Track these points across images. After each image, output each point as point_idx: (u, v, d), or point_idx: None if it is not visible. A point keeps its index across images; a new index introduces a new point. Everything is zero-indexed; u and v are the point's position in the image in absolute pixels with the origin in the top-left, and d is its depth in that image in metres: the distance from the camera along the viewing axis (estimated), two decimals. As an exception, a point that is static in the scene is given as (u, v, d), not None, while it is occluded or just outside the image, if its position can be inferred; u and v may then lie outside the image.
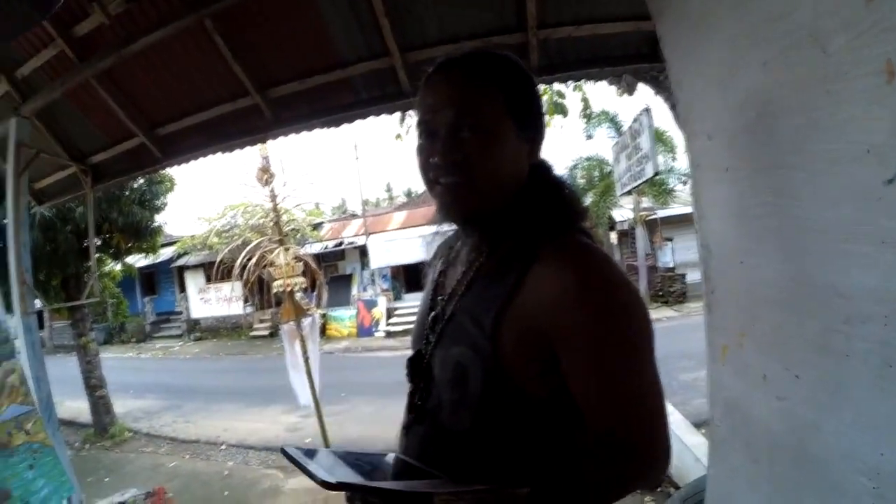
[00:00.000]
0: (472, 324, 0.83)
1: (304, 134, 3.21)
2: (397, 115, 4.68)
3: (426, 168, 0.90)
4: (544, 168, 0.94)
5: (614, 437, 0.76)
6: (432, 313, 0.95)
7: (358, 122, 3.09)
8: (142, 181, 7.46)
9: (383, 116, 3.19)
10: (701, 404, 6.01)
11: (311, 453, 0.84)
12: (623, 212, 16.25)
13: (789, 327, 1.09)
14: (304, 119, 3.07)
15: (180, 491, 5.29)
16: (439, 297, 0.97)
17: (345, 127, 3.24)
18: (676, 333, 10.13)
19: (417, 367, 0.93)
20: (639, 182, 5.16)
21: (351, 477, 0.82)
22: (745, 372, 1.32)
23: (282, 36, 2.70)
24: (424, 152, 0.89)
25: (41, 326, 18.73)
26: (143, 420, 9.00)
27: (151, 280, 21.49)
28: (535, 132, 0.91)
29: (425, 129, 0.89)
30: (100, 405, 7.95)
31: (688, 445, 3.63)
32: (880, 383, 0.80)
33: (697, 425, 4.13)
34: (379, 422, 6.84)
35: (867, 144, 0.78)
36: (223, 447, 7.16)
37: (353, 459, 0.89)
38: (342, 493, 0.78)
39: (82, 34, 2.60)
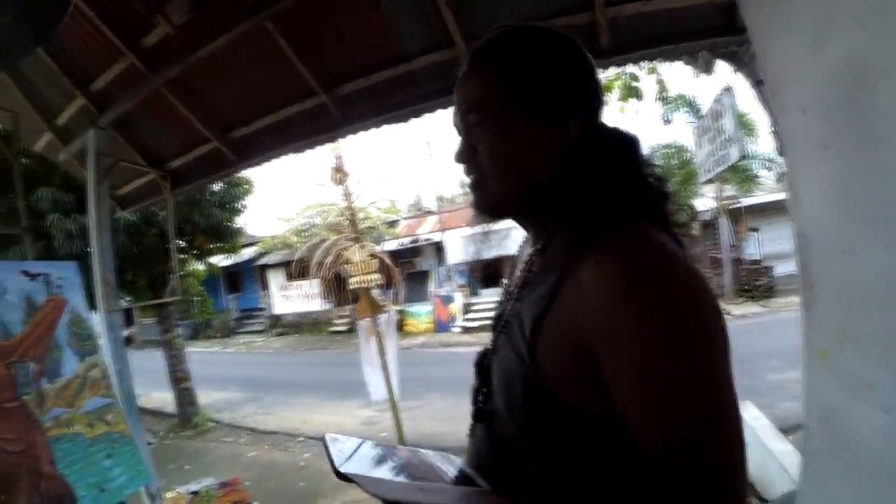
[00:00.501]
0: (518, 328, 0.76)
1: (373, 131, 3.23)
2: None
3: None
4: (592, 144, 0.80)
5: (669, 469, 0.62)
6: (497, 312, 0.92)
7: (426, 117, 3.07)
8: (221, 185, 7.84)
9: (451, 110, 3.14)
10: (790, 407, 5.62)
11: (359, 445, 0.87)
12: (705, 201, 15.38)
13: (901, 329, 0.93)
14: (371, 116, 3.08)
15: (258, 480, 5.52)
16: (502, 297, 0.94)
17: (413, 122, 3.23)
18: (763, 331, 9.50)
19: (480, 367, 0.90)
20: (723, 167, 4.79)
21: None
22: (846, 378, 1.16)
23: (343, 32, 2.71)
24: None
25: (131, 323, 20.51)
26: (225, 411, 9.47)
27: (235, 279, 22.78)
28: (555, 108, 0.79)
29: (456, 133, 0.89)
30: (184, 396, 8.45)
31: (773, 453, 3.32)
32: None
33: (785, 431, 3.79)
34: (453, 418, 6.87)
35: None
36: (301, 439, 7.42)
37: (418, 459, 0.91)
38: None
39: (149, 46, 2.73)
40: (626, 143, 0.81)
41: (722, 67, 3.54)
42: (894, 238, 0.95)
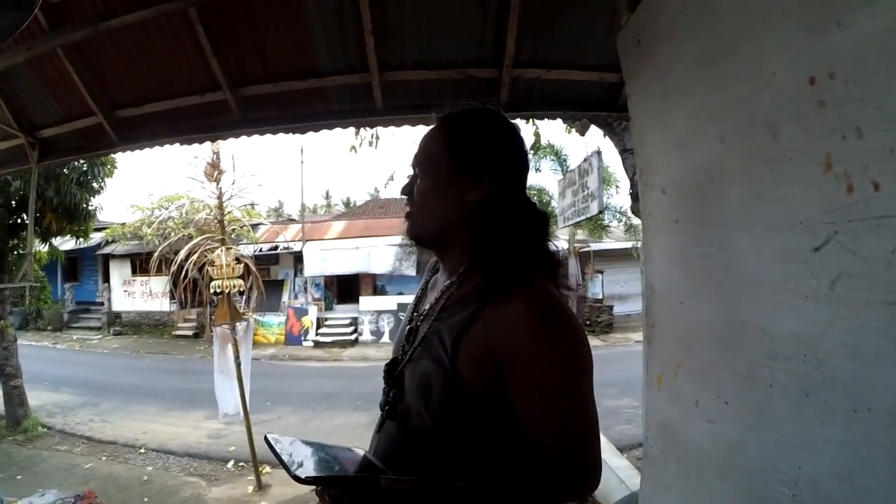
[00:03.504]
0: (438, 343, 0.97)
1: (269, 136, 3.22)
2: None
3: None
4: (499, 206, 1.02)
5: (555, 454, 0.89)
6: (409, 327, 1.10)
7: (324, 132, 3.13)
8: (83, 160, 7.02)
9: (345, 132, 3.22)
10: (623, 430, 6.40)
11: (286, 441, 0.96)
12: (558, 242, 16.78)
13: (721, 361, 1.28)
14: (271, 122, 3.06)
15: (97, 495, 5.00)
16: (416, 314, 1.12)
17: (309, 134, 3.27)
18: (602, 362, 10.50)
19: (392, 373, 1.07)
20: (583, 217, 5.50)
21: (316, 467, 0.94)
22: (678, 398, 1.51)
23: (264, 37, 2.70)
24: None
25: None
26: (58, 415, 8.46)
27: (74, 266, 19.94)
28: (474, 169, 1.02)
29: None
30: (13, 396, 7.36)
31: (612, 468, 3.87)
32: (798, 409, 0.99)
33: (621, 449, 4.39)
34: (306, 433, 6.71)
35: (801, 217, 0.97)
36: (142, 450, 6.86)
37: (320, 451, 0.99)
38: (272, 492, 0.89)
39: (58, 1, 2.48)
40: (534, 217, 1.07)
41: (594, 131, 4.10)
42: (721, 295, 1.30)
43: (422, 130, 1.22)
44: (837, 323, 0.89)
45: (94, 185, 7.51)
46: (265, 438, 0.93)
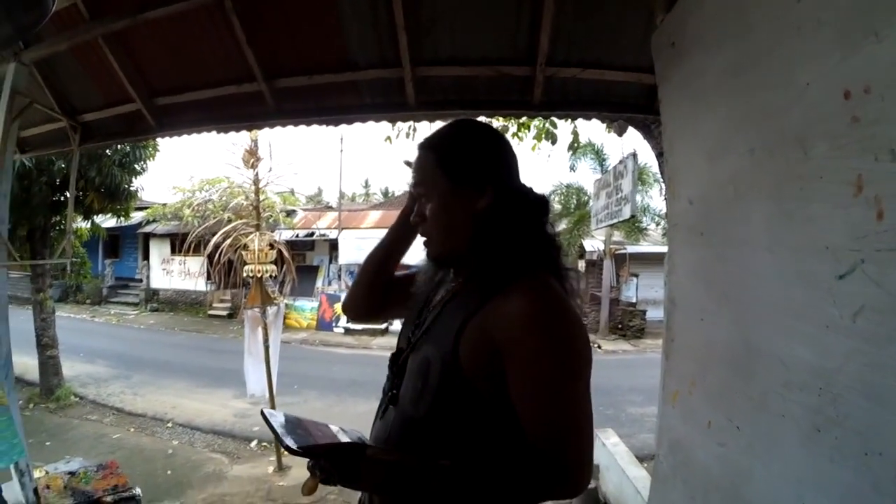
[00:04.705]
0: (443, 330, 1.00)
1: (303, 128, 3.26)
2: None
3: None
4: (503, 207, 1.05)
5: (542, 449, 0.89)
6: (418, 320, 1.13)
7: (357, 125, 3.15)
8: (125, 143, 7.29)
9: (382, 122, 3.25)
10: (646, 439, 6.24)
11: (280, 416, 1.01)
12: (594, 242, 16.63)
13: (735, 384, 1.22)
14: (305, 114, 3.10)
15: (122, 464, 5.19)
16: (425, 308, 1.15)
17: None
18: (630, 368, 10.45)
19: (396, 361, 1.11)
20: (614, 221, 5.38)
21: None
22: (691, 417, 1.45)
23: (299, 29, 2.72)
24: None
25: (-10, 274, 17.82)
26: (90, 386, 8.78)
27: (116, 243, 20.72)
28: (474, 181, 1.05)
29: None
30: (49, 365, 7.69)
31: (630, 478, 3.77)
32: (808, 443, 0.93)
33: (641, 458, 4.28)
34: (329, 418, 6.75)
35: (827, 242, 0.91)
36: (169, 425, 7.06)
37: (312, 426, 1.03)
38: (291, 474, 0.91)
39: None
40: (534, 204, 1.08)
41: (634, 131, 3.98)
42: (740, 316, 1.24)
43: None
44: (856, 358, 0.84)
45: (136, 166, 7.78)
46: (261, 413, 1.00)
